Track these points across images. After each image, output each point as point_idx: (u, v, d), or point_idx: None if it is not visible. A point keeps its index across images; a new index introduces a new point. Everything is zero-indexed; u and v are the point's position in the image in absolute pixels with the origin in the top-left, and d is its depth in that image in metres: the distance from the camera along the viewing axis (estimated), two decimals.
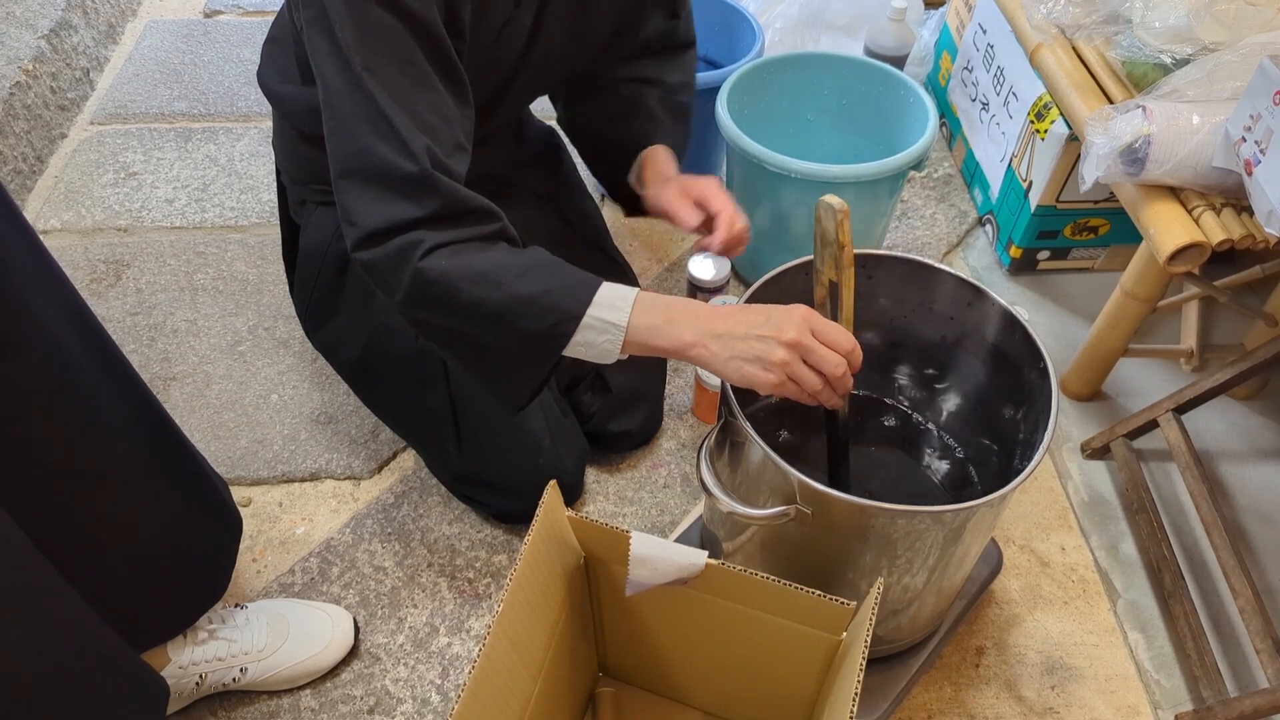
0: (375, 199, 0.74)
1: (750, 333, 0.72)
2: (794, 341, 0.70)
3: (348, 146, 0.74)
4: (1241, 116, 0.90)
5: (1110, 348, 1.17)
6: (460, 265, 0.73)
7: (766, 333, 0.71)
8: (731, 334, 0.72)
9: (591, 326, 0.74)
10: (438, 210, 0.73)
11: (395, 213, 0.73)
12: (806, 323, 0.71)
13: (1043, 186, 1.28)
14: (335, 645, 0.97)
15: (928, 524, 0.73)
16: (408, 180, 0.72)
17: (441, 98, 0.75)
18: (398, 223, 0.73)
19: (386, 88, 0.71)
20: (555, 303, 0.74)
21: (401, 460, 1.18)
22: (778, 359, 0.70)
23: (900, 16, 1.53)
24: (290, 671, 0.95)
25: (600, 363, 0.77)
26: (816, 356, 0.71)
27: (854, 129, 1.39)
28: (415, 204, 0.73)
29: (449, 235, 0.74)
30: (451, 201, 0.74)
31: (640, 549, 0.71)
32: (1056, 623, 1.03)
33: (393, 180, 0.73)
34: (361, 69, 0.71)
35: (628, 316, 0.74)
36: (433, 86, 0.74)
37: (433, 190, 0.73)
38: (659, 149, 1.02)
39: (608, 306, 0.74)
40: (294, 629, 0.96)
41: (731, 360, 0.72)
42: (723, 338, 0.73)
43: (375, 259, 0.75)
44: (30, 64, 1.58)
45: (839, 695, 0.68)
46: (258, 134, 1.66)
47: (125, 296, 1.37)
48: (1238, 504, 1.14)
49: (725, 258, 1.13)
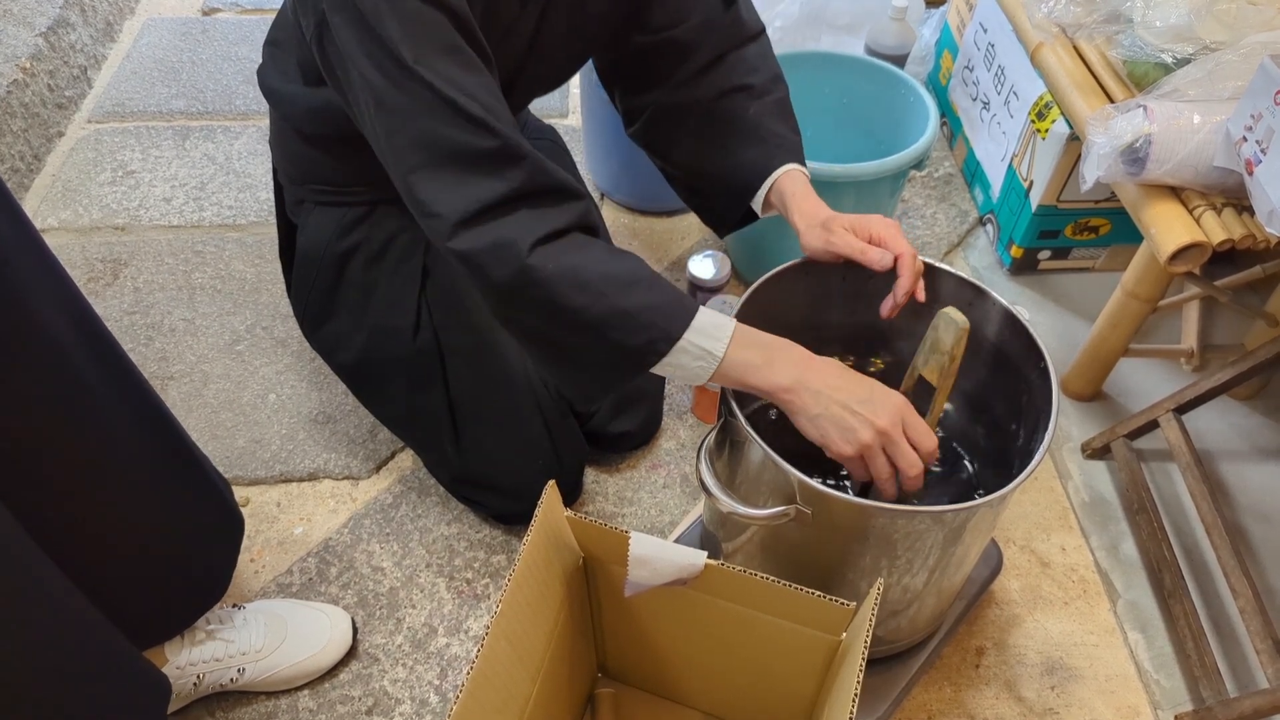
0: (456, 184, 0.71)
1: (847, 403, 0.72)
2: (884, 430, 0.71)
3: (414, 139, 0.72)
4: (1242, 116, 0.90)
5: (1111, 348, 1.17)
6: (566, 270, 0.71)
7: (863, 411, 0.71)
8: (829, 396, 0.72)
9: (687, 351, 0.73)
10: (524, 182, 0.72)
11: (482, 193, 0.71)
12: (900, 414, 0.72)
13: (1044, 186, 1.28)
14: (334, 646, 0.97)
15: (928, 524, 0.73)
16: (488, 156, 0.71)
17: (490, 80, 0.75)
18: (487, 203, 0.71)
19: (443, 75, 0.70)
20: (654, 320, 0.73)
21: (400, 460, 1.18)
22: (864, 439, 0.71)
23: (901, 15, 1.53)
24: (288, 672, 0.94)
25: (685, 383, 0.77)
26: (898, 450, 0.72)
27: (855, 128, 1.39)
28: (500, 179, 0.71)
29: (547, 223, 0.72)
30: (537, 172, 0.72)
31: (639, 549, 0.71)
32: (1057, 623, 1.03)
33: (472, 160, 0.71)
34: (413, 61, 0.70)
35: (725, 348, 0.74)
36: (481, 70, 0.74)
37: (517, 159, 0.71)
38: (793, 178, 0.89)
39: (706, 334, 0.73)
40: (292, 629, 0.95)
41: (819, 419, 0.72)
42: (819, 395, 0.72)
43: (471, 250, 0.72)
44: (28, 62, 1.58)
45: (839, 696, 0.68)
46: (256, 132, 1.66)
47: (123, 295, 1.37)
48: (1238, 504, 1.14)
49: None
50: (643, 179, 1.46)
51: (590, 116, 1.44)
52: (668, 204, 1.52)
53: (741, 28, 0.94)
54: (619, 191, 1.53)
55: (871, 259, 0.81)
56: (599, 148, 1.49)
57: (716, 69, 0.93)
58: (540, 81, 0.98)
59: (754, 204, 0.92)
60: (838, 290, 0.89)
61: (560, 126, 1.65)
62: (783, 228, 1.25)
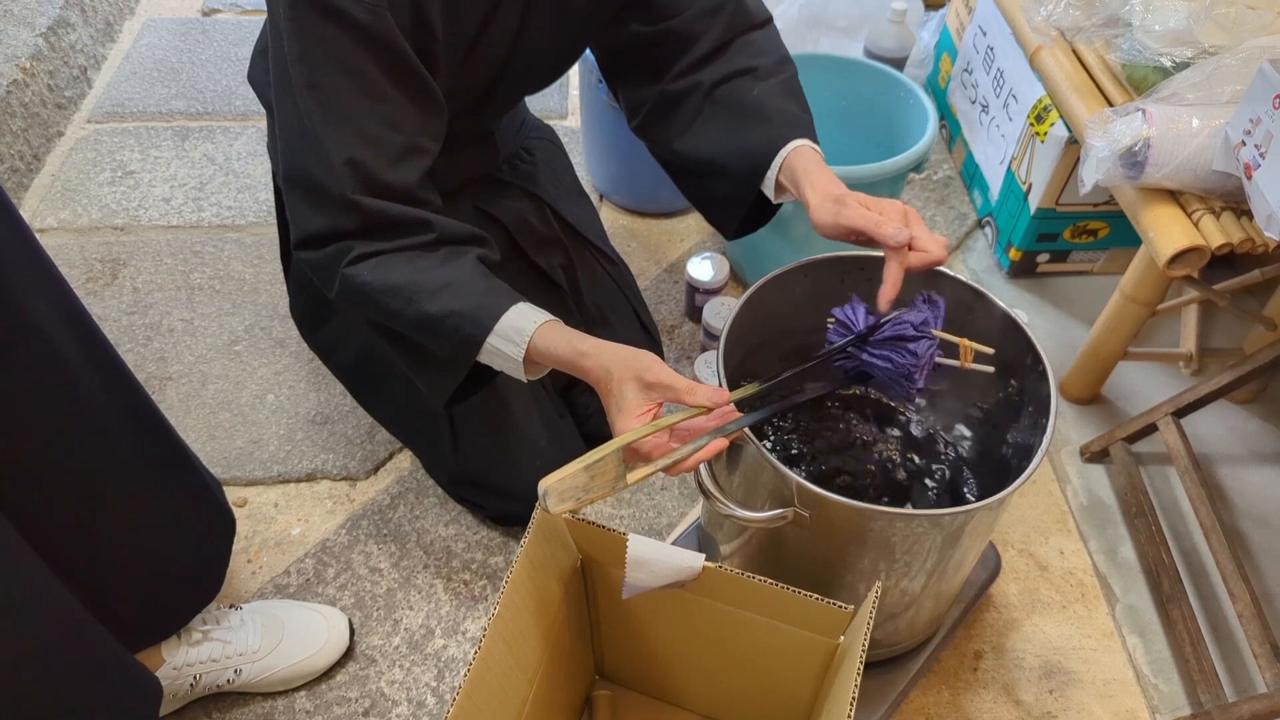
0: (311, 208, 0.78)
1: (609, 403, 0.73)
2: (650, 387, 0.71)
3: (287, 157, 0.78)
4: (1241, 120, 0.90)
5: (1110, 351, 1.17)
6: (378, 278, 0.77)
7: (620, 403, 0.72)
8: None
9: (494, 352, 0.77)
10: (362, 225, 0.77)
11: (326, 223, 0.78)
12: (632, 371, 0.71)
13: (1042, 189, 1.28)
14: (330, 647, 0.96)
15: (926, 527, 0.73)
16: (333, 199, 0.76)
17: (395, 105, 0.77)
18: (329, 232, 0.78)
19: (325, 105, 0.74)
20: (459, 325, 0.76)
21: (398, 461, 1.18)
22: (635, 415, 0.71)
23: (900, 18, 1.53)
24: (285, 673, 0.94)
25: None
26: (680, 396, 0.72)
27: (854, 131, 1.39)
28: (344, 218, 0.77)
29: (376, 246, 0.78)
30: (375, 219, 0.77)
31: (637, 551, 0.70)
32: (1055, 627, 1.03)
33: (321, 196, 0.77)
34: (304, 85, 0.74)
35: (524, 351, 0.76)
36: (383, 96, 0.76)
37: (355, 210, 0.77)
38: (803, 154, 0.83)
39: (505, 339, 0.76)
40: (289, 630, 0.95)
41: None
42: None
43: (312, 260, 0.80)
44: (28, 62, 1.58)
45: (836, 699, 0.68)
46: (255, 133, 1.66)
47: (121, 295, 1.37)
48: (1236, 508, 1.14)
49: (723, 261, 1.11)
50: (641, 180, 1.46)
51: (589, 118, 1.44)
52: (666, 206, 1.52)
53: (746, 16, 0.91)
54: (617, 193, 1.53)
55: (886, 233, 0.73)
56: (598, 149, 1.49)
57: (720, 55, 0.90)
58: (532, 76, 0.97)
59: (766, 188, 0.86)
60: (837, 292, 0.89)
61: (559, 128, 1.65)
62: (782, 228, 1.25)
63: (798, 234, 1.25)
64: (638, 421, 0.69)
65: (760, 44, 0.91)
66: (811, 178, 0.81)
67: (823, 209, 0.77)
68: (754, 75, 0.88)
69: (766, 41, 0.91)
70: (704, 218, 1.00)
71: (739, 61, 0.89)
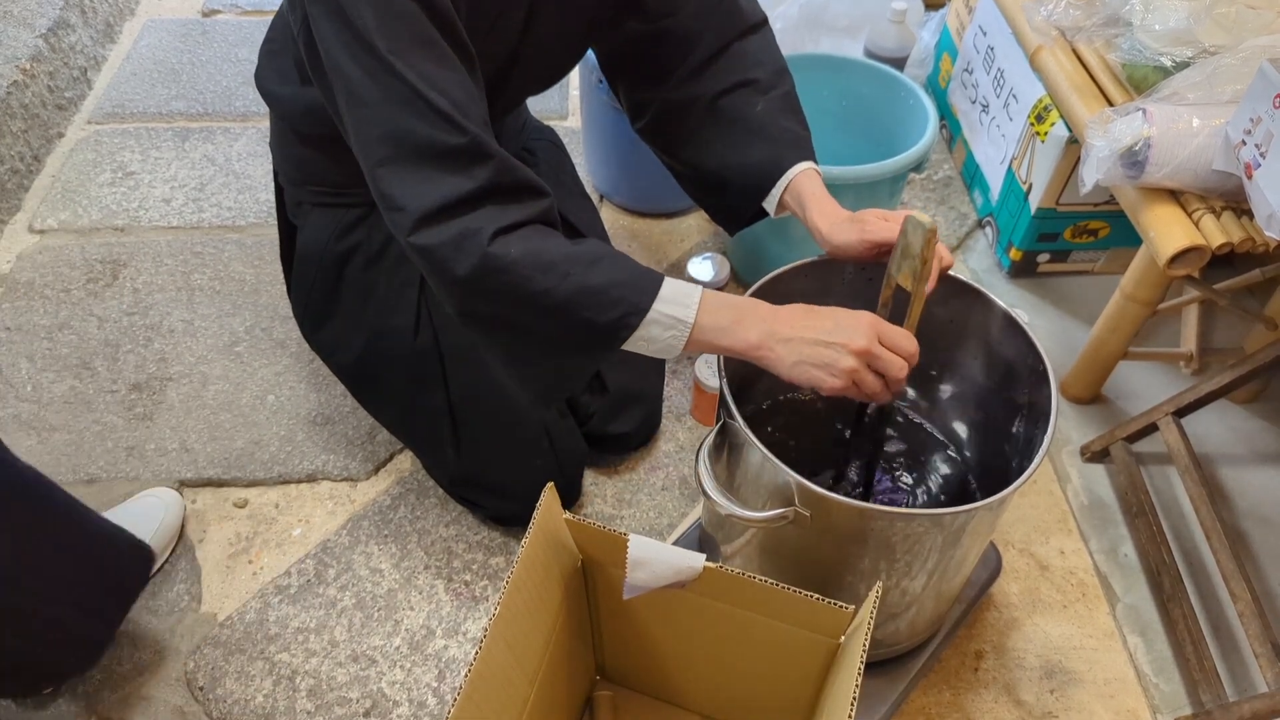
0: (423, 179, 0.71)
1: (819, 338, 0.72)
2: (863, 350, 0.71)
3: (382, 132, 0.72)
4: (1242, 120, 0.90)
5: (1110, 351, 1.17)
6: (530, 253, 0.71)
7: (836, 339, 0.71)
8: (800, 338, 0.72)
9: (658, 322, 0.73)
10: (491, 180, 0.71)
11: (447, 190, 0.70)
12: (874, 329, 0.72)
13: (1043, 189, 1.28)
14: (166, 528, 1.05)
15: (926, 527, 0.73)
16: (456, 153, 0.71)
17: (465, 77, 0.75)
18: (452, 199, 0.70)
19: (415, 68, 0.70)
20: (624, 295, 0.73)
21: (399, 462, 1.18)
22: (846, 366, 0.71)
23: (900, 18, 1.53)
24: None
25: (658, 357, 0.77)
26: (883, 363, 0.72)
27: (854, 131, 1.39)
28: (467, 176, 0.71)
29: (509, 216, 0.72)
30: (503, 170, 0.72)
31: (638, 552, 0.70)
32: (1056, 626, 1.03)
33: (440, 156, 0.71)
34: (387, 52, 0.70)
35: (694, 314, 0.74)
36: (456, 66, 0.74)
37: (484, 158, 0.71)
38: (810, 178, 0.87)
39: (674, 303, 0.73)
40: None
41: (799, 365, 0.72)
42: (790, 342, 0.73)
43: (433, 244, 0.71)
44: (28, 63, 1.58)
45: (837, 699, 0.68)
46: (255, 134, 1.66)
47: (122, 296, 1.37)
48: (1237, 508, 1.14)
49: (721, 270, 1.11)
50: (642, 181, 1.46)
51: (590, 118, 1.44)
52: (667, 206, 1.52)
53: (741, 17, 0.92)
54: (618, 193, 1.53)
55: None
56: (598, 150, 1.49)
57: (718, 62, 0.91)
58: (536, 75, 0.98)
59: (768, 204, 0.91)
60: (837, 292, 0.89)
61: (560, 128, 1.65)
62: (782, 229, 1.25)
63: (798, 234, 1.25)
64: None
65: (758, 52, 0.92)
66: (820, 204, 0.85)
67: (840, 230, 0.81)
68: (755, 88, 0.90)
69: (764, 49, 0.93)
70: (707, 215, 1.02)
71: (738, 72, 0.91)
